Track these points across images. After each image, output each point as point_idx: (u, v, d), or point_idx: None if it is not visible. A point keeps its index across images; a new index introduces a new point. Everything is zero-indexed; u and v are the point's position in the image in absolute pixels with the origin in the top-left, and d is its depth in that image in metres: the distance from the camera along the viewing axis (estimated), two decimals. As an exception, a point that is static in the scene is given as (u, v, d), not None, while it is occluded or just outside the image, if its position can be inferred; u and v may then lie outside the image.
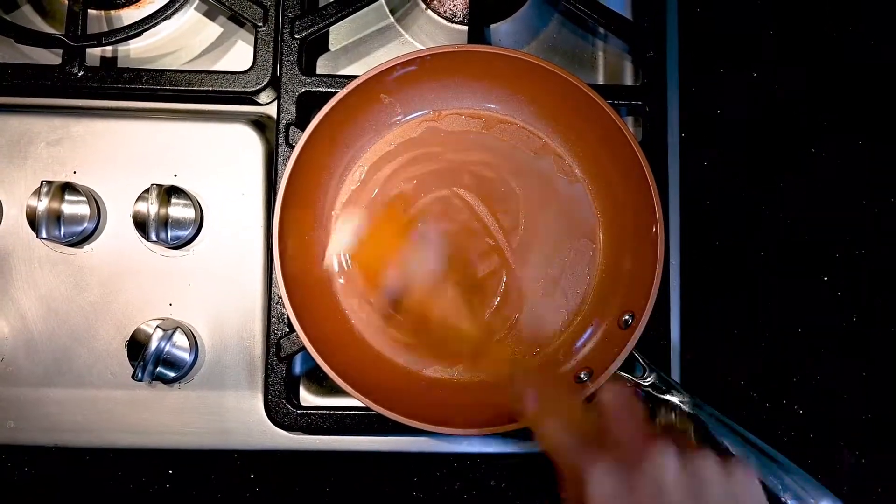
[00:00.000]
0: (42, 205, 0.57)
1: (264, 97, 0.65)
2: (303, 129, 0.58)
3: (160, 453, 0.62)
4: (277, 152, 0.61)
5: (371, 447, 0.62)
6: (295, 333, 0.58)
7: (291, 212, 0.58)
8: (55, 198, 0.58)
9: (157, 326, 0.59)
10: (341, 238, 0.62)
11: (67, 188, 0.59)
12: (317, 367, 0.56)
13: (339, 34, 0.69)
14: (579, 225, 0.62)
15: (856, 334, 0.68)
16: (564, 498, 0.38)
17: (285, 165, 0.57)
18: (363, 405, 0.57)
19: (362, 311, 0.61)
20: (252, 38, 0.64)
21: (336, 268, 0.62)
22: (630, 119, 0.67)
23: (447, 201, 0.62)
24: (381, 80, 0.58)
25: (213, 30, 0.68)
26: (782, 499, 0.51)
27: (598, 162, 0.62)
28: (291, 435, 0.62)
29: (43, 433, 0.61)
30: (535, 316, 0.62)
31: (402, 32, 0.69)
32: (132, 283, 0.61)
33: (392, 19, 0.69)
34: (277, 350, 0.60)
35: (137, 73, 0.62)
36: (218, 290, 0.62)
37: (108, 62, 0.66)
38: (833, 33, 0.71)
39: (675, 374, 0.64)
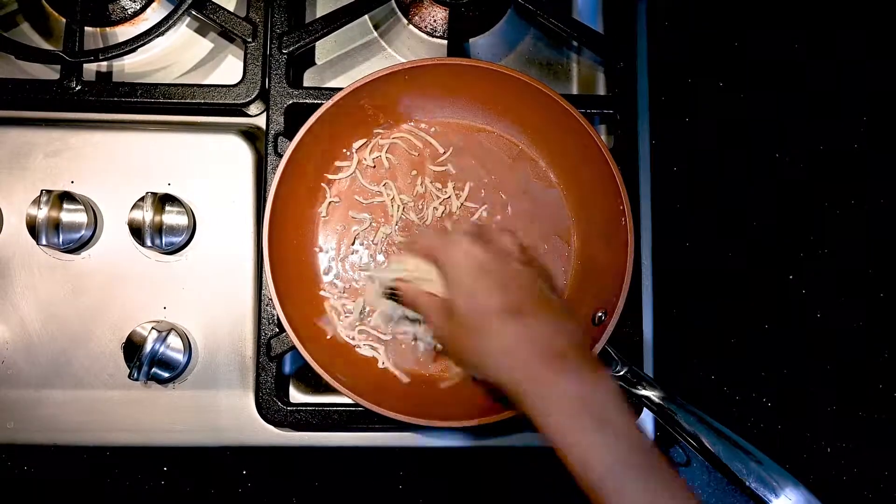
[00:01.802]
0: (41, 213, 0.60)
1: (254, 109, 0.68)
2: (290, 139, 0.60)
3: (155, 451, 0.65)
4: (266, 161, 0.64)
5: (358, 443, 0.65)
6: (284, 333, 0.61)
7: (280, 217, 0.60)
8: (54, 206, 0.61)
9: (152, 328, 0.61)
10: (328, 241, 0.65)
11: (66, 197, 0.62)
12: (305, 365, 0.58)
13: (325, 48, 0.72)
14: (555, 227, 0.65)
15: (820, 330, 0.71)
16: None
17: (274, 173, 0.60)
18: (350, 402, 0.60)
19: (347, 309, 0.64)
20: (242, 53, 0.67)
21: (324, 269, 0.65)
22: (603, 127, 0.70)
23: (430, 205, 0.65)
24: (364, 92, 0.61)
25: (204, 45, 0.70)
26: (747, 483, 0.53)
27: (571, 167, 0.65)
28: (281, 432, 0.64)
29: (42, 433, 0.63)
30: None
31: (386, 47, 0.72)
32: (128, 288, 0.64)
33: (376, 34, 0.72)
34: (268, 350, 0.62)
35: (132, 87, 0.65)
36: (210, 294, 0.64)
37: (104, 77, 0.68)
38: (795, 44, 0.75)
39: (649, 369, 0.67)
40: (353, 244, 0.65)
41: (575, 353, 0.45)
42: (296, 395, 0.67)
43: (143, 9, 0.69)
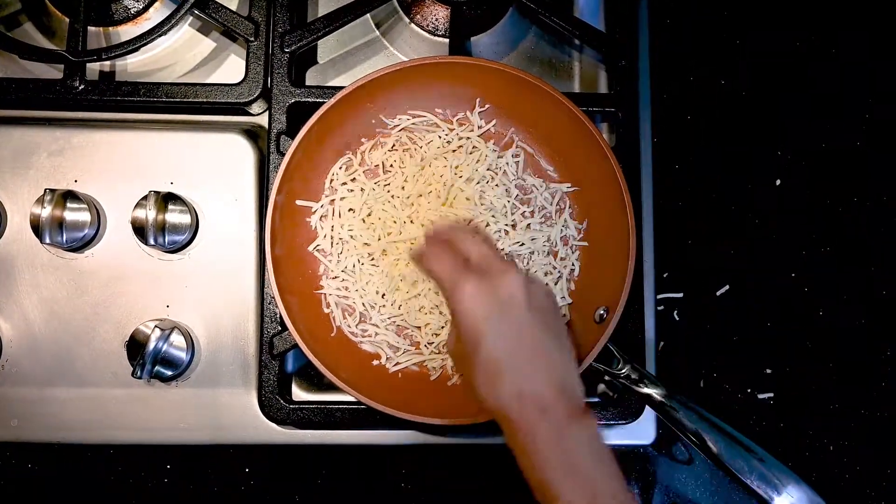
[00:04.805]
0: (45, 212, 0.60)
1: (256, 108, 0.68)
2: (293, 138, 0.61)
3: (158, 449, 0.65)
4: (268, 160, 0.64)
5: (361, 440, 0.65)
6: (287, 332, 0.61)
7: (282, 216, 0.60)
8: (57, 205, 0.61)
9: (156, 327, 0.61)
10: (330, 240, 0.65)
11: (69, 196, 0.62)
12: (308, 363, 0.59)
13: (327, 47, 0.72)
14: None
15: (822, 328, 0.71)
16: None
17: (276, 172, 0.60)
18: (353, 400, 0.60)
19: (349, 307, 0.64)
20: (244, 52, 0.67)
21: (325, 267, 0.65)
22: (605, 125, 0.70)
23: (434, 204, 0.65)
24: (366, 91, 0.61)
25: (206, 44, 0.71)
26: (749, 481, 0.53)
27: (574, 166, 0.65)
28: (284, 430, 0.64)
29: (46, 431, 0.63)
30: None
31: (388, 45, 0.72)
32: (131, 286, 0.64)
33: (377, 33, 0.72)
34: (270, 348, 0.62)
35: (135, 86, 0.65)
36: (213, 292, 0.65)
37: (107, 76, 0.69)
38: (797, 42, 0.75)
39: (651, 367, 0.67)
40: (354, 242, 0.65)
41: (561, 403, 0.47)
42: (298, 394, 0.67)
43: (145, 8, 0.69)
